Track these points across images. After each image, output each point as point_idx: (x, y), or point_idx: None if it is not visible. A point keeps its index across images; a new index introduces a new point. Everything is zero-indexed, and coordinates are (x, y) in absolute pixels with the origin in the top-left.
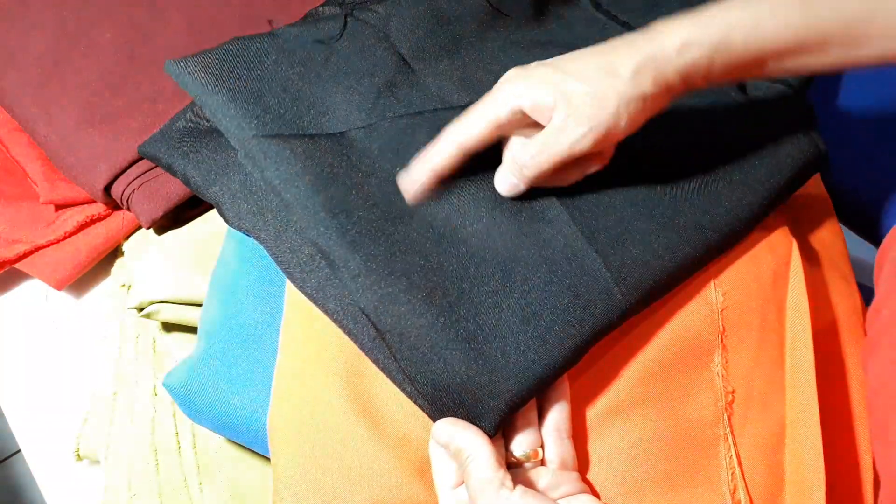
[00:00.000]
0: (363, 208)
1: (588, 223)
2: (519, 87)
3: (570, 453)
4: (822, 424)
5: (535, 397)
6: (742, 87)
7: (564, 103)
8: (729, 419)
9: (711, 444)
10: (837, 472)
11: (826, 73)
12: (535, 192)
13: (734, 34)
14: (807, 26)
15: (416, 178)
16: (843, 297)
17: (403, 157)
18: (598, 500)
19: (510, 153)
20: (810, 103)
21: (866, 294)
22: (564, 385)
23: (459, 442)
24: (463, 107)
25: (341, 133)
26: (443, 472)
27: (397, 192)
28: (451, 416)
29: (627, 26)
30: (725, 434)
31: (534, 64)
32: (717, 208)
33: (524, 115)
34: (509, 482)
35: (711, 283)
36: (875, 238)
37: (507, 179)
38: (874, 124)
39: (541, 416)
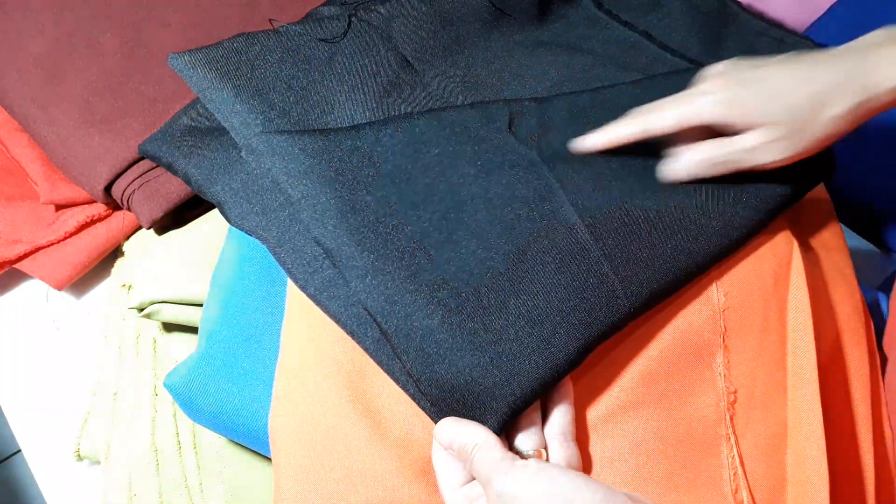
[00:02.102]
0: (371, 206)
1: (597, 225)
2: (722, 102)
3: (575, 456)
4: (824, 424)
5: (539, 398)
6: None
7: (764, 130)
8: (731, 419)
9: (713, 444)
10: (839, 472)
11: None
12: (547, 193)
13: None
14: None
15: (593, 139)
16: (844, 297)
17: (411, 155)
18: None
19: (690, 150)
20: None
21: (866, 294)
22: (568, 386)
23: (464, 438)
24: (469, 105)
25: (349, 129)
26: (447, 471)
27: (406, 190)
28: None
29: (629, 26)
30: (727, 434)
31: (745, 65)
32: (724, 214)
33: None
34: (520, 459)
35: (714, 284)
36: (875, 238)
37: (676, 171)
38: (875, 125)
39: (544, 417)
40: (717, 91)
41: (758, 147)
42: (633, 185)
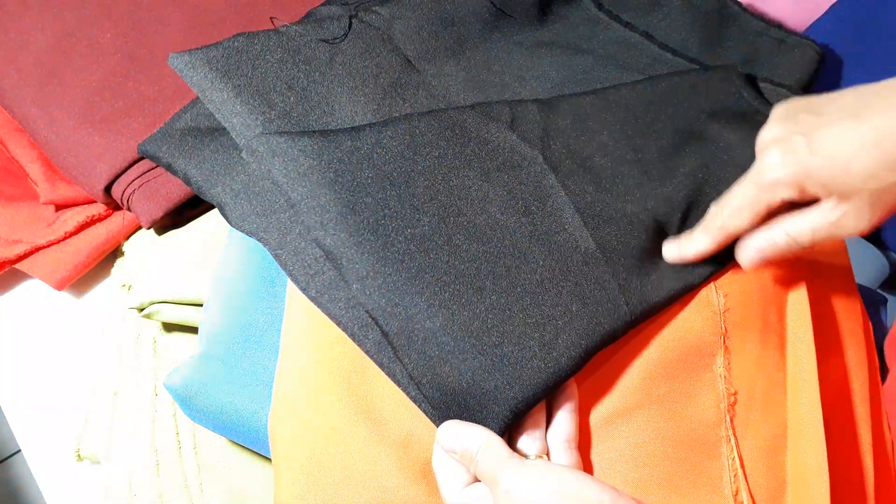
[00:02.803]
0: (372, 208)
1: (600, 230)
2: (787, 177)
3: (577, 463)
4: (824, 426)
5: (545, 404)
6: (757, 91)
7: (842, 203)
8: (731, 421)
9: (714, 445)
10: (839, 473)
11: None
12: (549, 194)
13: None
14: None
15: (682, 254)
16: (843, 298)
17: (413, 155)
18: None
19: (762, 235)
20: None
21: (865, 294)
22: (573, 392)
23: (468, 440)
24: (470, 106)
25: (350, 130)
26: (449, 473)
27: (406, 191)
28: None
29: (630, 26)
30: (728, 436)
31: (806, 123)
32: None
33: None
34: (527, 459)
35: (712, 286)
36: (875, 238)
37: (753, 260)
38: None
39: (548, 422)
40: (786, 166)
41: (839, 221)
42: (635, 188)
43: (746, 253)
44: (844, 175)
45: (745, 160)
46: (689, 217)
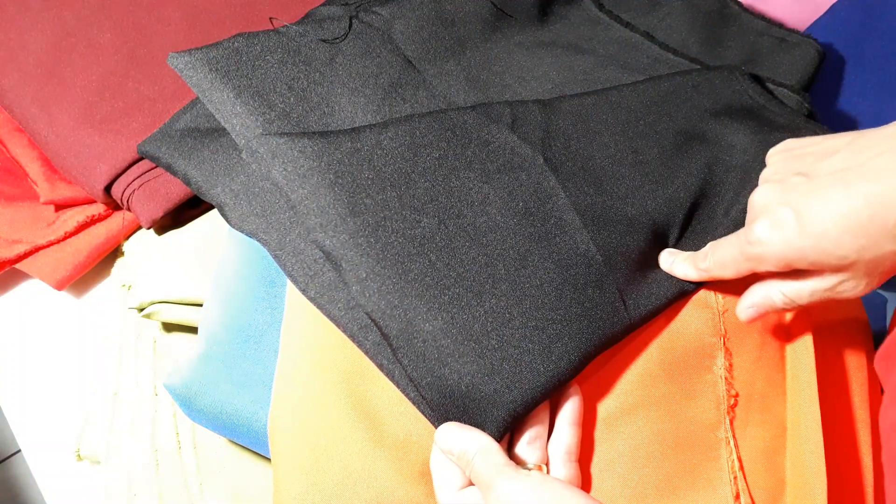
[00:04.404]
0: (372, 209)
1: (600, 232)
2: (773, 256)
3: (576, 477)
4: (823, 426)
5: (549, 412)
6: (762, 87)
7: (836, 274)
8: (731, 422)
9: (713, 447)
10: (839, 475)
11: None
12: (549, 195)
13: None
14: None
15: (672, 270)
16: (843, 300)
17: (413, 156)
18: None
19: (760, 290)
20: (815, 112)
21: (865, 295)
22: (578, 402)
23: (465, 443)
24: (471, 107)
25: (350, 131)
26: (445, 475)
27: (407, 193)
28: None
29: (630, 27)
30: (727, 438)
31: (788, 189)
32: (728, 228)
33: None
34: (523, 468)
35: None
36: None
37: (749, 313)
38: (871, 125)
39: (550, 432)
40: (773, 243)
41: (835, 286)
42: (635, 190)
43: (743, 308)
44: (835, 249)
45: (748, 161)
46: (691, 219)
